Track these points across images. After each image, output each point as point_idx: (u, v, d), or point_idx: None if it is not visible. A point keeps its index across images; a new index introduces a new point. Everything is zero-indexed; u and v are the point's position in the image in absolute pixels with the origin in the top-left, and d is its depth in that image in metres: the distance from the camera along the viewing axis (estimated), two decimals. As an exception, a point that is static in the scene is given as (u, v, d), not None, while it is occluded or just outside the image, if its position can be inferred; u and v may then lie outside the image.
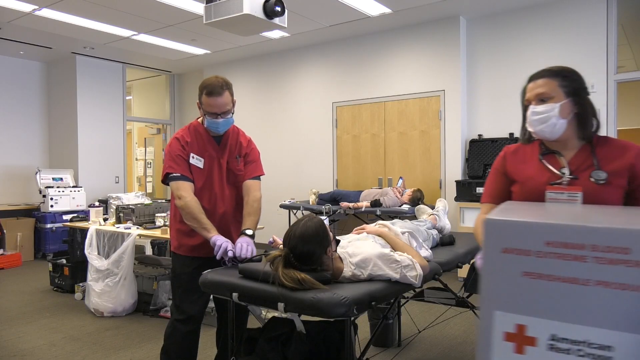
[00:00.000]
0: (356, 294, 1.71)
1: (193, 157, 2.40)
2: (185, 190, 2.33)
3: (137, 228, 4.29)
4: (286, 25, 3.74)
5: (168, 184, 2.41)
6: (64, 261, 5.02)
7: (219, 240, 2.24)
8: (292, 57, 7.10)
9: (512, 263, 1.12)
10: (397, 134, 6.11)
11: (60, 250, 6.26)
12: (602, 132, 1.67)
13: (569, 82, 1.61)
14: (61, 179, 7.12)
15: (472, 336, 3.60)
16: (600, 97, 4.99)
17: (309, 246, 1.83)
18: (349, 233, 2.39)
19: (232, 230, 2.50)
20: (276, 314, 2.03)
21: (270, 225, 6.56)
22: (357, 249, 2.01)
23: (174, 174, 2.36)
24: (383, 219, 3.80)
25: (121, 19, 5.58)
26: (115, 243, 4.24)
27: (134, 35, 6.22)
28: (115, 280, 4.11)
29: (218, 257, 2.23)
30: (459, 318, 3.88)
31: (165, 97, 9.03)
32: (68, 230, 5.12)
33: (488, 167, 5.52)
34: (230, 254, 2.21)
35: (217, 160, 2.46)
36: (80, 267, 4.81)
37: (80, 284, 4.71)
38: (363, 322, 3.62)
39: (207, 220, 2.30)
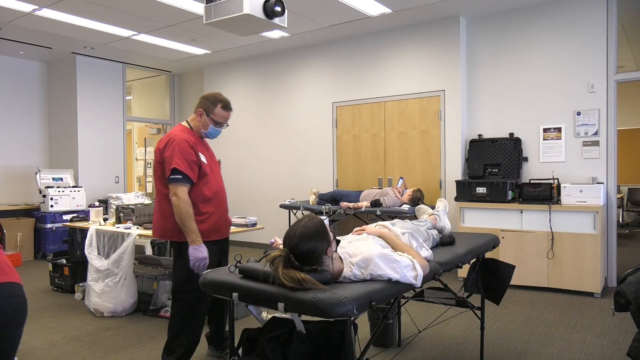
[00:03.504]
0: (356, 294, 1.70)
1: (202, 155, 2.82)
2: (184, 192, 2.69)
3: (137, 228, 4.29)
4: (286, 25, 3.74)
5: (170, 178, 2.68)
6: (64, 261, 5.02)
7: (205, 253, 2.73)
8: (292, 57, 7.10)
9: None
10: (397, 134, 6.11)
11: (60, 250, 6.25)
12: (602, 132, 1.68)
13: None
14: (61, 179, 7.12)
15: (472, 336, 3.60)
16: (600, 97, 4.99)
17: (309, 246, 1.83)
18: (349, 233, 2.39)
19: (227, 208, 3.05)
20: (276, 314, 2.03)
21: (270, 225, 6.56)
22: (357, 249, 2.01)
23: (179, 176, 2.67)
24: (383, 219, 3.80)
25: (121, 19, 5.58)
26: (115, 243, 4.24)
27: (134, 35, 6.23)
28: (115, 280, 4.11)
29: (198, 271, 2.71)
30: (459, 318, 3.88)
31: (165, 97, 9.04)
32: (68, 230, 5.12)
33: (488, 167, 5.52)
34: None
35: (211, 156, 2.98)
36: (80, 267, 4.81)
37: (80, 284, 4.71)
38: (363, 322, 3.62)
39: (195, 225, 2.71)
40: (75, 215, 5.31)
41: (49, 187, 6.78)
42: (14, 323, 1.59)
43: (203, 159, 2.81)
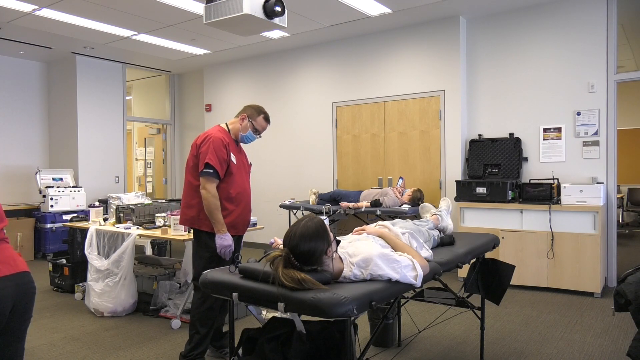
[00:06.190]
0: (356, 294, 1.70)
1: (232, 156, 3.06)
2: (212, 187, 2.95)
3: (137, 228, 4.29)
4: (286, 25, 3.74)
5: (203, 172, 2.94)
6: (64, 261, 5.02)
7: (230, 241, 2.98)
8: (292, 57, 7.10)
9: None
10: (397, 134, 6.11)
11: (60, 250, 6.26)
12: (602, 132, 1.67)
13: None
14: (61, 179, 7.12)
15: (472, 336, 3.60)
16: (600, 97, 4.99)
17: (309, 246, 1.83)
18: (349, 233, 2.39)
19: (250, 208, 3.26)
20: (276, 314, 2.03)
21: (270, 225, 6.57)
22: (357, 249, 2.01)
23: (210, 170, 2.92)
24: (383, 219, 3.80)
25: (121, 19, 5.58)
26: (115, 243, 4.24)
27: (134, 35, 6.22)
28: (115, 280, 4.11)
29: (225, 256, 2.97)
30: (459, 318, 3.88)
31: (165, 97, 9.04)
32: (68, 230, 5.12)
33: (488, 167, 5.52)
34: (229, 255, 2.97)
35: (241, 159, 3.21)
36: (80, 267, 4.81)
37: (80, 284, 4.71)
38: (363, 322, 3.62)
39: (222, 217, 2.97)
40: (75, 215, 5.30)
41: (49, 187, 6.77)
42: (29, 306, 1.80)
43: (233, 159, 3.05)
